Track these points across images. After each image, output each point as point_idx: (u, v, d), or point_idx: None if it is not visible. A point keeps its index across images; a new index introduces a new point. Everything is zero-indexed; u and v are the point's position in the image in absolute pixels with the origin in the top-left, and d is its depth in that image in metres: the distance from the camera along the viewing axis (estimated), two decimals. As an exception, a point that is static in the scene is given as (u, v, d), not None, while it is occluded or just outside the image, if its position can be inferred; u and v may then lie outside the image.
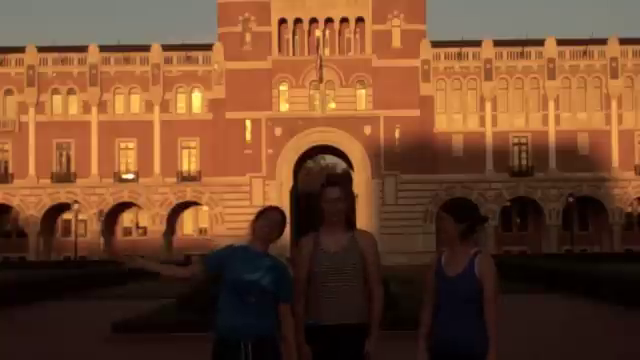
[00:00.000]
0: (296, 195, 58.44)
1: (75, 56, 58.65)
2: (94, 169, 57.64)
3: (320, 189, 5.12)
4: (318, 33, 57.47)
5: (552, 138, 57.47)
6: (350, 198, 5.14)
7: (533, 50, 58.27)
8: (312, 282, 5.01)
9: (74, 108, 58.55)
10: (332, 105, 57.36)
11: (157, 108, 57.84)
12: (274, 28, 57.52)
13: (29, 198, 57.59)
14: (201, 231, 59.75)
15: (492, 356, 4.62)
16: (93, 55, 58.25)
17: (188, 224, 60.50)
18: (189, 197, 57.78)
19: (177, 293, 17.85)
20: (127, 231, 60.49)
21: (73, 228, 55.31)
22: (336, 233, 5.06)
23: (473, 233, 4.81)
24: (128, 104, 58.49)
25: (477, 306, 4.67)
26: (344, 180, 5.31)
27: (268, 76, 56.89)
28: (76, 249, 51.76)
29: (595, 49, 58.37)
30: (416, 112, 56.76)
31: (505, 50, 58.38)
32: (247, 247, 5.11)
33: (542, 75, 57.96)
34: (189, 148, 58.13)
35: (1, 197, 58.05)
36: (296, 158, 57.44)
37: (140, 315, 15.90)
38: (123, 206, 59.16)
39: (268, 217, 5.14)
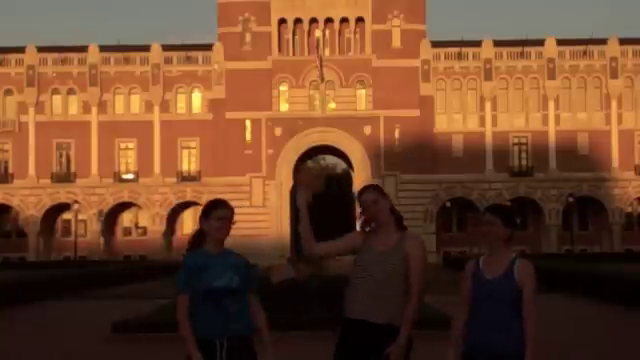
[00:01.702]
0: (296, 195, 58.33)
1: (75, 56, 58.66)
2: (94, 169, 57.64)
3: (355, 199, 5.22)
4: (318, 33, 57.48)
5: (552, 138, 57.47)
6: (388, 197, 5.19)
7: (533, 50, 58.27)
8: (351, 276, 5.04)
9: (74, 108, 58.56)
10: (332, 105, 57.37)
11: (157, 108, 57.85)
12: (274, 28, 57.52)
13: (29, 198, 57.59)
14: (201, 231, 59.64)
15: (529, 356, 4.67)
16: (93, 55, 58.25)
17: (188, 224, 60.40)
18: (189, 197, 57.77)
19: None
20: (127, 231, 60.50)
21: (73, 228, 55.31)
22: (385, 232, 5.08)
23: (513, 238, 4.89)
24: (128, 104, 58.50)
25: (515, 309, 4.72)
26: (371, 186, 5.37)
27: (268, 76, 56.90)
28: (76, 249, 51.76)
29: (595, 49, 58.38)
30: (416, 112, 56.76)
31: (505, 50, 58.38)
32: (203, 252, 4.95)
33: (542, 75, 57.96)
34: (189, 148, 58.14)
35: (1, 197, 58.05)
36: (296, 158, 57.44)
37: (140, 315, 15.88)
38: (123, 206, 59.16)
39: (221, 216, 4.97)
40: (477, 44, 58.37)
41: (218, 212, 4.98)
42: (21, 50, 58.72)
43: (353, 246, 5.13)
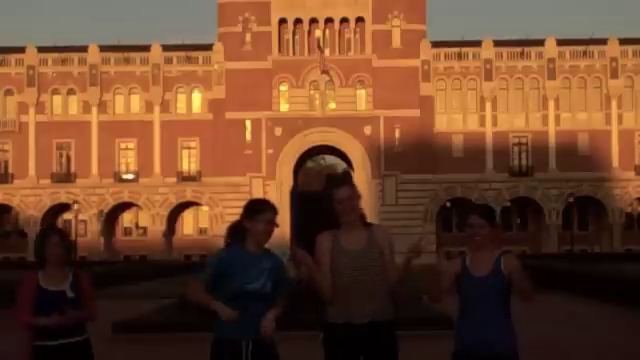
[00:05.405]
0: (296, 195, 58.24)
1: (75, 56, 58.67)
2: (94, 169, 57.65)
3: (328, 192, 5.05)
4: (318, 33, 57.47)
5: (552, 138, 57.47)
6: (360, 195, 5.14)
7: (533, 50, 58.27)
8: (334, 282, 4.95)
9: (74, 108, 58.56)
10: (332, 105, 57.36)
11: (157, 108, 57.85)
12: (274, 28, 57.51)
13: (29, 198, 57.59)
14: (201, 231, 59.74)
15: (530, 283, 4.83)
16: (93, 55, 58.25)
17: (188, 224, 60.49)
18: (189, 197, 57.78)
19: (177, 293, 17.85)
20: (127, 231, 60.51)
21: (73, 228, 55.24)
22: (355, 231, 5.04)
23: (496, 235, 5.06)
24: (128, 104, 58.50)
25: (505, 304, 4.83)
26: (347, 179, 5.31)
27: (268, 76, 56.88)
28: (76, 249, 51.69)
29: (595, 49, 58.38)
30: (416, 112, 56.76)
31: (505, 50, 58.38)
32: (243, 249, 4.90)
33: (542, 75, 57.95)
34: (189, 148, 58.15)
35: (1, 197, 58.06)
36: (296, 158, 57.43)
37: (140, 315, 15.86)
38: (123, 206, 59.17)
39: (268, 219, 4.93)
40: (477, 44, 58.38)
41: (267, 215, 4.93)
42: (21, 50, 58.72)
43: (330, 260, 4.99)
